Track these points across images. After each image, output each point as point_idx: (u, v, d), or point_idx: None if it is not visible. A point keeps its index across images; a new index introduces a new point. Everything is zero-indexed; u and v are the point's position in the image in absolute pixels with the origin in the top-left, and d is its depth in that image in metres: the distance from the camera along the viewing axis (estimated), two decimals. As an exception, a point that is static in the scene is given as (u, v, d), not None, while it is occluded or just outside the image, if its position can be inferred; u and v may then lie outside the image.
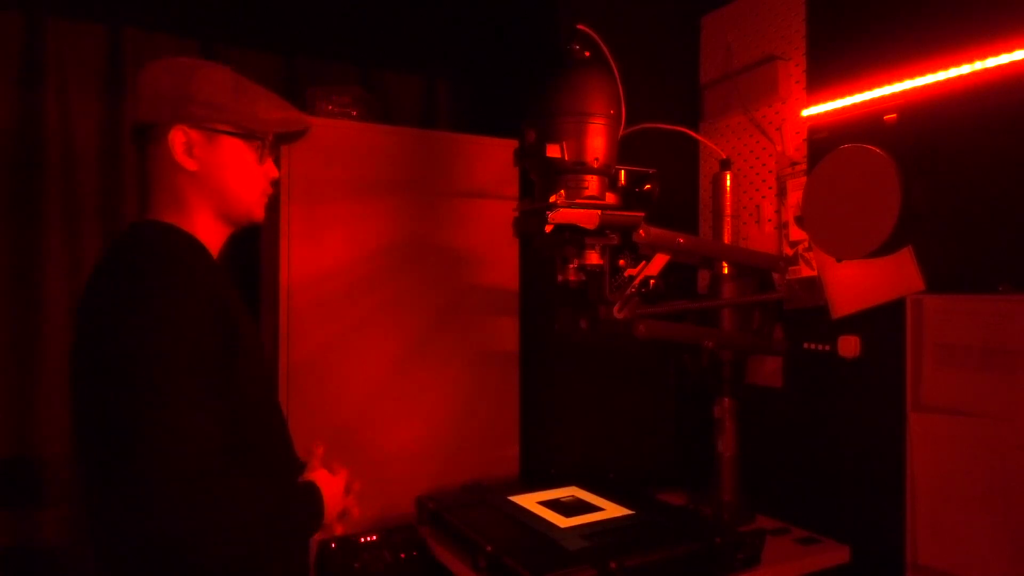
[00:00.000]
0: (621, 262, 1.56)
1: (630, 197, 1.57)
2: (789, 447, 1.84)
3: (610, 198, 1.52)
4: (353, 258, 1.89)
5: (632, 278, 1.55)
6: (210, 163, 1.09)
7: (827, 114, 1.71)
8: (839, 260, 1.66)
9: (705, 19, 2.13)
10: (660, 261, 1.57)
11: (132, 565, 0.99)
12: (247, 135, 1.12)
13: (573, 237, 1.49)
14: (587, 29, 1.50)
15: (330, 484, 1.16)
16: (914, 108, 1.53)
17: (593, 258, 1.51)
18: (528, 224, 1.51)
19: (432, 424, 1.99)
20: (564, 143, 1.43)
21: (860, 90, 1.62)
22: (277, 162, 1.19)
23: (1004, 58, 1.37)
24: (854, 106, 1.64)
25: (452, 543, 1.59)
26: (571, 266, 1.53)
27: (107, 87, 2.07)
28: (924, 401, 1.52)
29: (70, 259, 2.02)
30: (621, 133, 1.51)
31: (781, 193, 1.87)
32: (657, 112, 1.74)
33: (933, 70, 1.48)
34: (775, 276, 1.83)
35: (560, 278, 1.54)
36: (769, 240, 1.90)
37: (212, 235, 1.13)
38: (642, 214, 1.51)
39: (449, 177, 2.03)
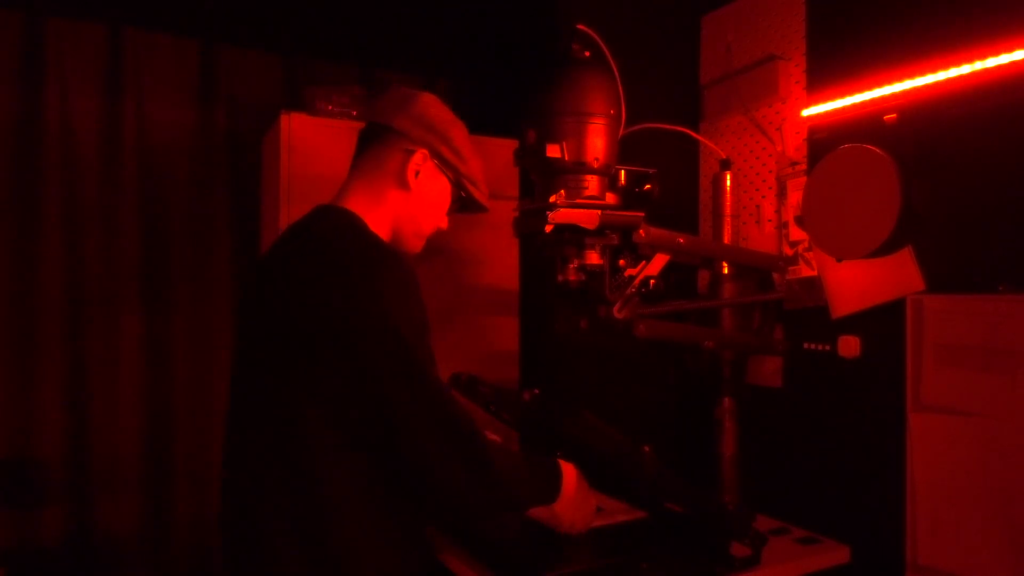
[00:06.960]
0: (621, 262, 1.56)
1: (630, 197, 1.57)
2: (789, 447, 1.84)
3: (610, 198, 1.52)
4: (353, 258, 1.89)
5: (632, 278, 1.55)
6: (422, 192, 1.26)
7: (827, 114, 1.71)
8: (839, 260, 1.66)
9: (705, 19, 2.13)
10: (660, 261, 1.57)
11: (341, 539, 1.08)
12: (460, 188, 1.30)
13: (573, 237, 1.49)
14: (587, 29, 1.50)
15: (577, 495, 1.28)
16: (914, 108, 1.53)
17: (593, 258, 1.51)
18: (528, 224, 1.51)
19: (432, 424, 1.98)
20: (564, 143, 1.43)
21: (860, 90, 1.62)
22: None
23: (1004, 58, 1.37)
24: (854, 106, 1.64)
25: (453, 543, 1.58)
26: (571, 266, 1.53)
27: (107, 87, 2.07)
28: (924, 401, 1.52)
29: (70, 259, 2.02)
30: (621, 133, 1.51)
31: (781, 193, 1.87)
32: (657, 112, 1.73)
33: (933, 70, 1.48)
34: (775, 276, 1.83)
35: (560, 278, 1.54)
36: (769, 240, 1.90)
37: None
38: (642, 214, 1.51)
39: (449, 177, 2.03)
